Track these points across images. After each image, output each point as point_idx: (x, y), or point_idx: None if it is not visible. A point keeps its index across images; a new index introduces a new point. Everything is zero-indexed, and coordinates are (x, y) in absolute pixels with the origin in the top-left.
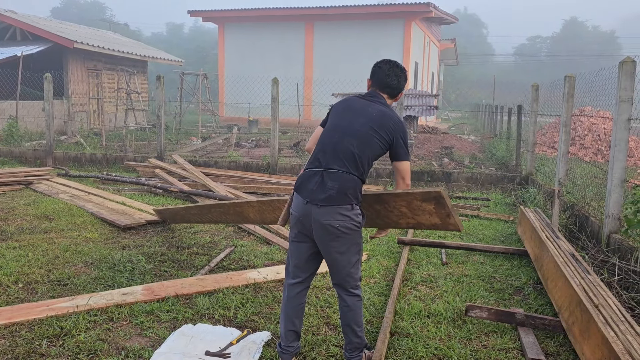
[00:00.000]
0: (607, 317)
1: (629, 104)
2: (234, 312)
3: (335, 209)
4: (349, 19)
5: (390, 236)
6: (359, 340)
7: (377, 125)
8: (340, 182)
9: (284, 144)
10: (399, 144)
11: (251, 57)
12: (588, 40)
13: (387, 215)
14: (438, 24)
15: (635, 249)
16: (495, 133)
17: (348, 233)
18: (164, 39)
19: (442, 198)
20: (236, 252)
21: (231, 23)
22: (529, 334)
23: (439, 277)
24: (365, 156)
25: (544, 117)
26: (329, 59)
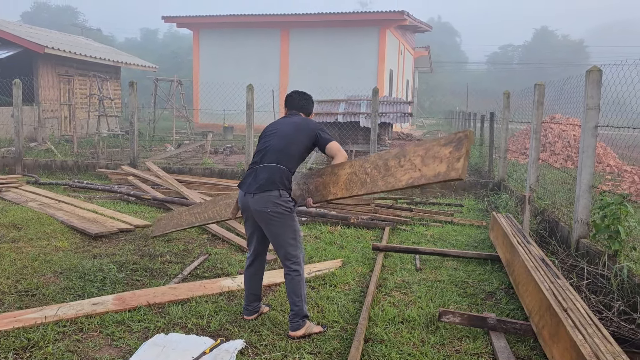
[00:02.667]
0: (575, 320)
1: (596, 112)
2: (208, 321)
3: (265, 197)
4: (325, 26)
5: (365, 242)
6: (297, 309)
7: (299, 127)
8: (270, 172)
9: None
10: (319, 136)
11: (226, 64)
12: (558, 49)
13: (393, 173)
14: (412, 32)
15: (602, 254)
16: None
17: (279, 217)
18: (137, 44)
19: (466, 138)
20: (210, 260)
21: (206, 29)
22: (501, 338)
23: (413, 283)
24: (292, 151)
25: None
26: (304, 66)
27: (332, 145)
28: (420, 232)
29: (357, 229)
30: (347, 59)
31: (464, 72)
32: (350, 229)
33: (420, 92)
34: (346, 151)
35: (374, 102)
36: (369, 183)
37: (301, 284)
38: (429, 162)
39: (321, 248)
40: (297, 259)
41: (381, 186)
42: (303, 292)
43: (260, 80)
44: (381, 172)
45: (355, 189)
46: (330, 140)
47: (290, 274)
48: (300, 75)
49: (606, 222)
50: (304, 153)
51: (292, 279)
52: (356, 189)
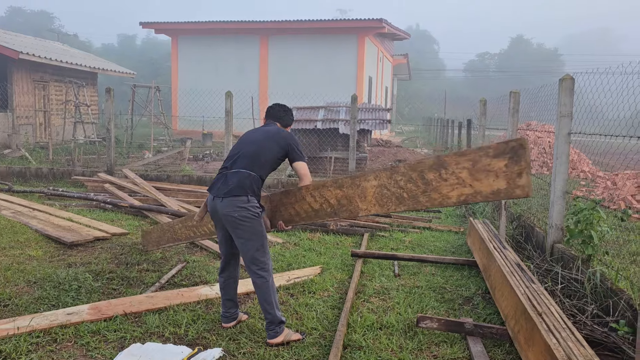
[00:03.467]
0: (549, 324)
1: (569, 119)
2: (185, 330)
3: (233, 201)
4: (304, 34)
5: (344, 249)
6: (270, 316)
7: (271, 137)
8: (239, 178)
9: None
10: (292, 149)
11: (205, 70)
12: (533, 57)
13: (437, 188)
14: (391, 39)
15: (576, 258)
16: (447, 146)
17: (247, 222)
18: (115, 50)
19: (522, 149)
20: (188, 268)
21: (185, 36)
22: (478, 343)
23: (392, 289)
24: (262, 158)
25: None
26: (284, 73)
27: (298, 166)
28: (398, 238)
29: (336, 236)
30: (326, 66)
31: (442, 80)
32: (330, 235)
33: (399, 99)
34: (325, 158)
35: (352, 109)
36: (408, 199)
37: (270, 291)
38: (481, 177)
39: (300, 255)
40: (264, 265)
41: (424, 202)
42: (273, 298)
43: (240, 87)
44: (420, 187)
45: (391, 205)
46: (300, 160)
47: (257, 282)
48: (280, 81)
49: (579, 227)
50: (274, 162)
51: (260, 286)
52: (392, 205)
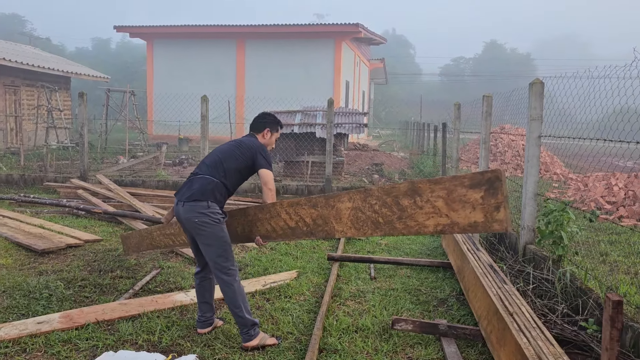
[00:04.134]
0: (520, 324)
1: (539, 122)
2: (159, 337)
3: (194, 206)
4: (281, 38)
5: (320, 252)
6: (240, 319)
7: (240, 145)
8: (201, 183)
9: None
10: (257, 158)
11: (181, 74)
12: (507, 62)
13: (412, 215)
14: (367, 44)
15: (547, 259)
16: (423, 150)
17: (207, 227)
18: (89, 54)
19: (498, 181)
20: (163, 274)
21: (160, 39)
22: (451, 343)
23: (368, 292)
24: (226, 165)
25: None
26: (261, 77)
27: (262, 173)
28: (375, 241)
29: (313, 240)
30: (303, 70)
31: (419, 84)
32: (307, 239)
33: (376, 103)
34: (302, 162)
35: (329, 113)
36: (384, 224)
37: (236, 295)
38: (458, 208)
39: (277, 259)
40: (228, 269)
41: (401, 229)
42: (241, 302)
43: (216, 91)
44: (395, 212)
45: (367, 229)
46: (264, 167)
47: (222, 287)
48: (257, 86)
49: (550, 228)
50: (240, 171)
51: (225, 291)
52: (369, 229)
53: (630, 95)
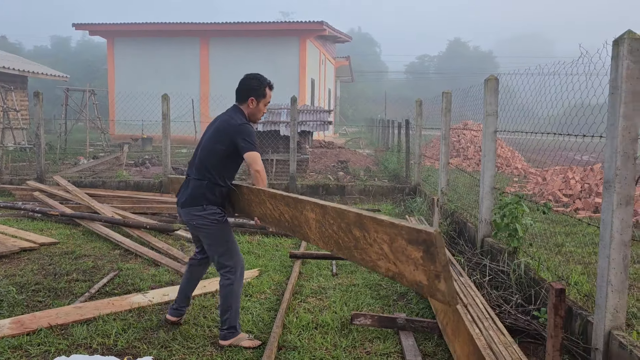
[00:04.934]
0: (474, 315)
1: (494, 118)
2: (115, 340)
3: (190, 211)
4: (245, 36)
5: (283, 250)
6: (224, 319)
7: (217, 134)
8: (192, 189)
9: (180, 162)
10: (237, 142)
11: (144, 73)
12: (470, 60)
13: (365, 249)
14: (333, 42)
15: (503, 251)
16: (388, 146)
17: (205, 229)
18: (48, 52)
19: (432, 246)
20: (121, 276)
21: (121, 37)
22: (409, 337)
23: (329, 288)
24: (211, 163)
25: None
26: (225, 75)
27: (247, 157)
28: None
29: (276, 237)
30: (268, 68)
31: (385, 81)
32: (269, 237)
33: (343, 101)
34: (267, 160)
35: (292, 111)
36: (344, 248)
37: (232, 293)
38: (402, 260)
39: None
40: (231, 268)
41: (359, 260)
42: (233, 303)
43: (180, 90)
44: (351, 240)
45: (332, 246)
46: (248, 150)
47: (221, 283)
48: (222, 84)
49: (505, 221)
50: (227, 159)
51: (224, 287)
52: (334, 247)
53: (584, 90)
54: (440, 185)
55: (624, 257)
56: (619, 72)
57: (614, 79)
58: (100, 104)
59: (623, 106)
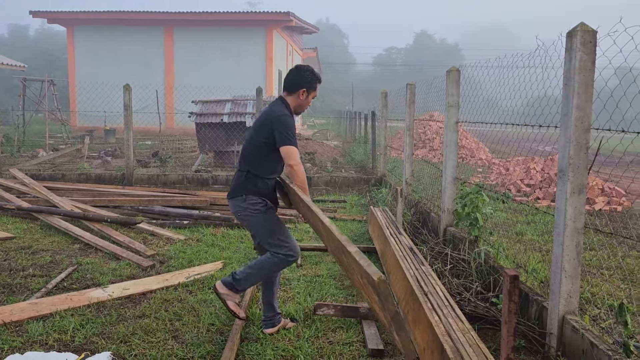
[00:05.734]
0: (434, 303)
1: (456, 109)
2: (72, 336)
3: (234, 202)
4: (210, 25)
5: (248, 243)
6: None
7: (259, 126)
8: (236, 179)
9: (144, 154)
10: (275, 133)
11: (106, 63)
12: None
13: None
14: (300, 33)
15: (465, 240)
16: (355, 138)
17: (247, 219)
18: (5, 41)
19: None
20: (80, 271)
21: (81, 26)
22: (372, 326)
23: (293, 279)
24: (250, 153)
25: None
26: (191, 66)
27: (283, 150)
28: (303, 229)
29: (241, 230)
30: (234, 58)
31: (353, 73)
32: (234, 229)
33: None
34: (233, 152)
35: (258, 102)
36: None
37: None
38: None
39: (202, 251)
40: (280, 250)
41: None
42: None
43: (144, 80)
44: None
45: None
46: (284, 144)
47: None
48: (187, 75)
49: (466, 210)
50: (267, 153)
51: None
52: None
53: (540, 82)
54: (405, 176)
55: (577, 244)
56: (572, 63)
57: (567, 71)
58: (60, 94)
59: (576, 97)
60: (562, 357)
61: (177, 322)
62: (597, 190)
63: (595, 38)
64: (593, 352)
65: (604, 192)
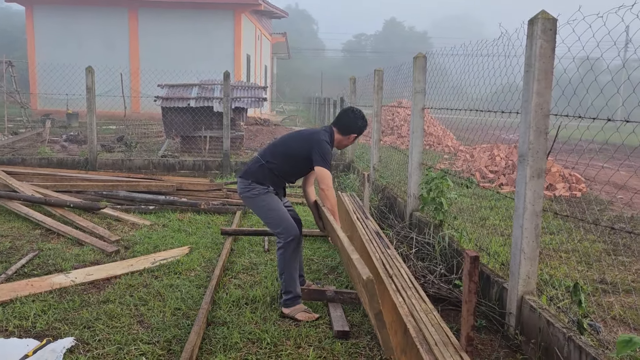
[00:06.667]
0: (398, 285)
1: (423, 95)
2: (33, 322)
3: (240, 182)
4: (176, 8)
5: (215, 228)
6: (282, 279)
7: (300, 137)
8: (251, 164)
9: (108, 138)
10: (313, 153)
11: (68, 44)
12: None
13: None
14: (269, 17)
15: (430, 224)
16: (324, 124)
17: (248, 200)
18: None
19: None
20: (41, 257)
21: (41, 5)
22: (338, 308)
23: (260, 264)
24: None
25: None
26: (156, 49)
27: (319, 170)
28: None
29: (207, 215)
30: (202, 42)
31: (323, 59)
32: (201, 215)
33: (280, 78)
34: (200, 137)
35: (225, 87)
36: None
37: (283, 258)
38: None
39: (168, 236)
40: (280, 234)
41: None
42: (285, 267)
43: (108, 63)
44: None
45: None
46: (319, 164)
47: (277, 247)
48: (152, 58)
49: (432, 195)
50: (292, 157)
51: (278, 252)
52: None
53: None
54: (372, 162)
55: (536, 226)
56: (533, 50)
57: (528, 57)
58: (20, 76)
59: (536, 83)
60: (521, 335)
61: (143, 307)
62: (558, 176)
63: (556, 26)
64: (549, 330)
65: (564, 179)
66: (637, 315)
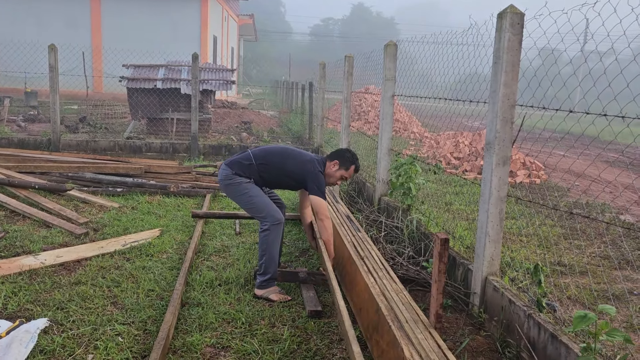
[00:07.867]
0: (369, 267)
1: (393, 82)
2: (4, 303)
3: (222, 170)
4: None
5: (185, 211)
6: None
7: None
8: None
9: (70, 118)
10: (310, 182)
11: (25, 20)
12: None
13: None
14: None
15: (398, 208)
16: (292, 108)
17: (226, 189)
18: None
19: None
20: (8, 238)
21: None
22: (310, 289)
23: (232, 247)
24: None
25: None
26: (120, 28)
27: (315, 200)
28: None
29: (177, 198)
30: (167, 22)
31: (290, 42)
32: (171, 197)
33: (247, 61)
34: (167, 119)
35: (193, 69)
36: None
37: (266, 241)
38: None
39: (138, 219)
40: (263, 218)
41: None
42: (267, 249)
43: (69, 41)
44: None
45: None
46: (315, 194)
47: (260, 230)
48: (116, 37)
49: (400, 180)
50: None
51: (260, 234)
52: None
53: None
54: (342, 147)
55: (500, 211)
56: (501, 43)
57: (497, 50)
58: None
59: (504, 75)
60: (484, 313)
61: (116, 289)
62: (519, 163)
63: (523, 20)
64: (511, 308)
65: (525, 166)
66: (591, 295)
